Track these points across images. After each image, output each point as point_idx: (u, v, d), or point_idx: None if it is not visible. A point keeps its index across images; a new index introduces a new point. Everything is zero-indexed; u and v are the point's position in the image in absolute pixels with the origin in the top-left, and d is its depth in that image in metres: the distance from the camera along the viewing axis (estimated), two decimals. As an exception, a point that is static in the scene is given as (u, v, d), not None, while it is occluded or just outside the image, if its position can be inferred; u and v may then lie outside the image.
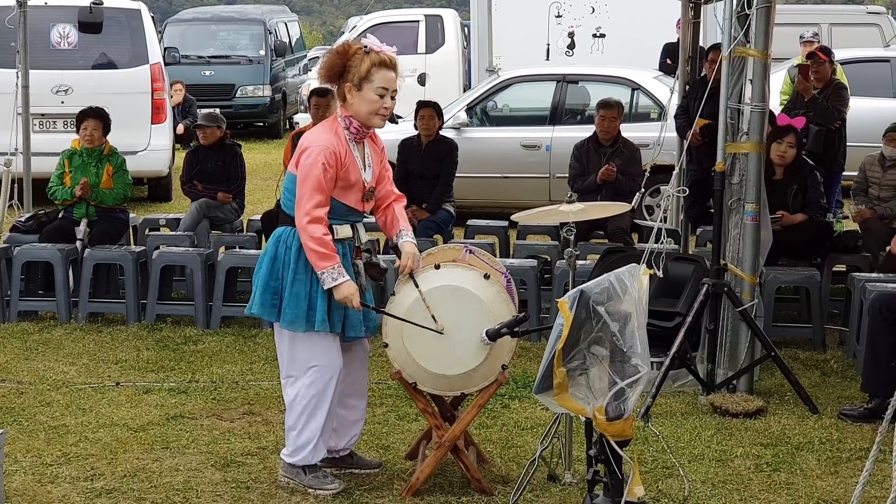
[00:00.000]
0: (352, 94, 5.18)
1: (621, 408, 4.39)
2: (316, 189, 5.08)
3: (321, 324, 5.17)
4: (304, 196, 5.10)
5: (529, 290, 8.17)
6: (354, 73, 5.15)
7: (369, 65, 5.14)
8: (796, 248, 8.50)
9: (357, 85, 5.16)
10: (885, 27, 18.14)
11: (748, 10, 6.68)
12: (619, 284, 4.44)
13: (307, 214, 5.08)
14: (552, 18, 17.48)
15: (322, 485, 5.34)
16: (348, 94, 5.18)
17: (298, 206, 5.11)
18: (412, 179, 10.09)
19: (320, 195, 5.09)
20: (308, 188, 5.09)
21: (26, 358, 7.72)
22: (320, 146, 5.12)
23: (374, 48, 5.17)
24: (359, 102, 5.18)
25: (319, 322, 5.17)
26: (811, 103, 10.60)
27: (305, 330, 5.20)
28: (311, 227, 5.08)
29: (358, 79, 5.15)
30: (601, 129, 9.87)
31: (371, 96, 5.16)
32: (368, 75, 5.14)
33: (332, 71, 5.20)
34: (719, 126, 6.83)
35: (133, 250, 8.84)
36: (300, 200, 5.11)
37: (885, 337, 6.46)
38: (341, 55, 5.18)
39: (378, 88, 5.16)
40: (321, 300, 5.17)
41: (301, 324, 5.19)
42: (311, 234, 5.08)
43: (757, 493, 5.43)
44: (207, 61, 21.72)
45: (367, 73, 5.14)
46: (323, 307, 5.17)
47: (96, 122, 9.34)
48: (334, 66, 5.19)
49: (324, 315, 5.17)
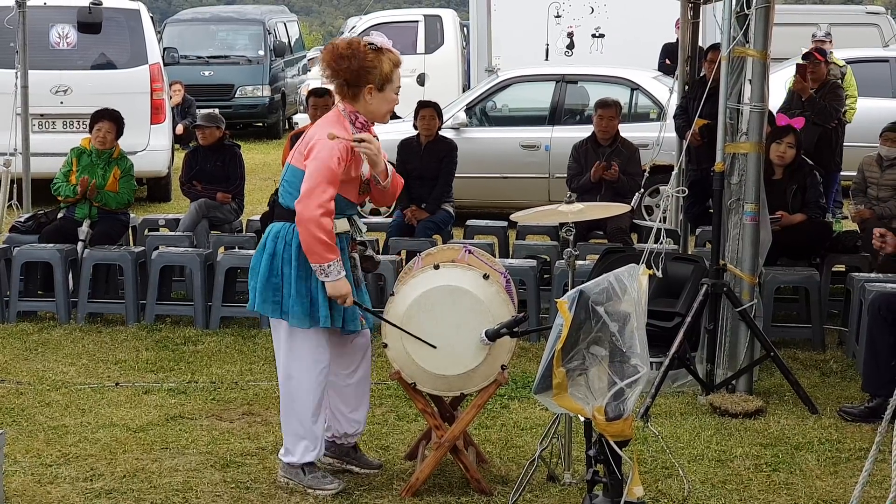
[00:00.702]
0: (372, 95, 5.16)
1: (621, 408, 4.39)
2: (330, 182, 5.04)
3: (325, 320, 5.17)
4: (317, 188, 5.03)
5: (529, 291, 8.17)
6: (377, 75, 5.13)
7: (391, 66, 5.15)
8: (796, 248, 8.50)
9: (380, 87, 5.15)
10: (884, 27, 18.15)
11: (747, 10, 6.68)
12: (619, 284, 4.44)
13: (321, 206, 5.02)
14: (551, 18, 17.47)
15: (321, 485, 5.34)
16: (368, 94, 5.16)
17: (310, 197, 5.03)
18: (411, 180, 10.08)
19: (334, 188, 5.06)
20: (323, 180, 5.03)
21: (25, 358, 7.72)
22: (335, 140, 5.09)
23: (386, 47, 5.17)
24: (379, 102, 5.18)
25: (324, 318, 5.17)
26: (809, 103, 10.60)
27: (310, 326, 5.20)
28: (325, 220, 5.03)
29: (381, 81, 5.14)
30: (599, 128, 9.88)
31: (391, 96, 5.20)
32: (391, 76, 5.16)
33: (348, 72, 5.13)
34: (718, 126, 6.83)
35: (132, 251, 8.84)
36: (312, 192, 5.03)
37: (884, 337, 6.46)
38: (356, 56, 5.12)
39: (396, 88, 5.21)
40: (322, 296, 5.16)
41: (306, 321, 5.19)
42: (324, 227, 5.02)
43: (756, 494, 5.43)
44: (206, 61, 21.72)
45: (389, 75, 5.15)
46: (325, 303, 5.17)
47: (110, 125, 9.32)
48: (351, 68, 5.12)
49: (327, 311, 5.18)
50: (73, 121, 13.48)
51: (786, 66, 14.19)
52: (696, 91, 9.88)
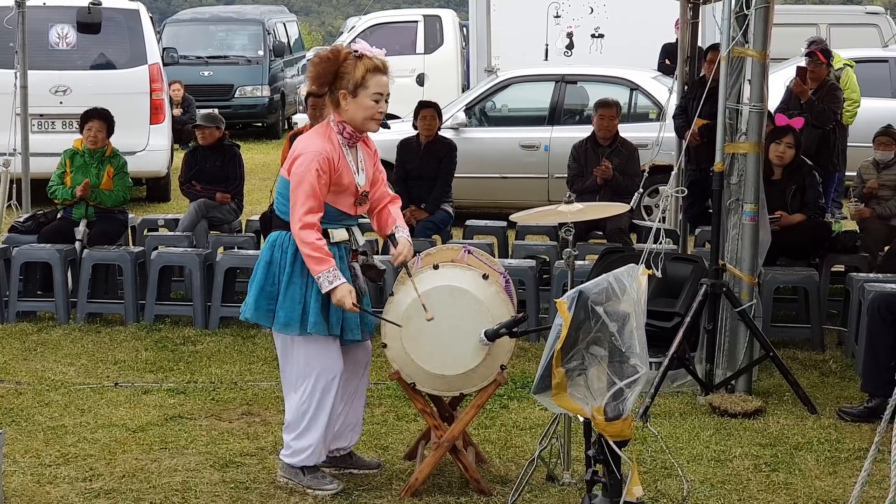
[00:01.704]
0: (347, 101, 5.16)
1: (620, 408, 4.39)
2: (309, 195, 5.07)
3: (314, 325, 5.16)
4: (297, 202, 5.09)
5: (528, 291, 8.18)
6: (349, 80, 5.12)
7: (364, 71, 5.12)
8: (795, 248, 8.51)
9: (353, 91, 5.14)
10: (883, 27, 18.16)
11: (747, 10, 6.67)
12: (618, 285, 4.44)
13: (299, 221, 5.08)
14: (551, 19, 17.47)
15: (321, 485, 5.34)
16: (343, 100, 5.16)
17: (293, 212, 5.11)
18: (411, 180, 10.10)
19: (313, 201, 5.09)
20: (301, 194, 5.08)
21: (25, 358, 7.72)
22: (313, 152, 5.11)
23: (366, 53, 5.16)
24: (354, 108, 5.16)
25: (312, 324, 5.16)
26: (807, 106, 10.60)
27: (300, 333, 5.20)
28: (304, 233, 5.08)
29: (353, 85, 5.13)
30: (599, 128, 9.88)
31: (367, 102, 5.15)
32: (364, 81, 5.13)
33: (324, 78, 5.16)
34: (718, 126, 6.83)
35: (132, 251, 8.84)
36: (293, 206, 5.10)
37: (883, 337, 6.46)
38: (332, 61, 5.15)
39: (373, 94, 5.15)
40: (314, 302, 5.16)
41: (295, 327, 5.19)
42: (304, 240, 5.08)
43: (755, 493, 5.43)
44: (206, 61, 21.71)
45: (362, 80, 5.12)
46: (316, 309, 5.16)
47: (101, 124, 9.33)
48: (326, 73, 5.15)
49: (317, 317, 5.16)
50: (73, 121, 13.36)
51: (785, 66, 14.19)
52: (696, 91, 9.89)
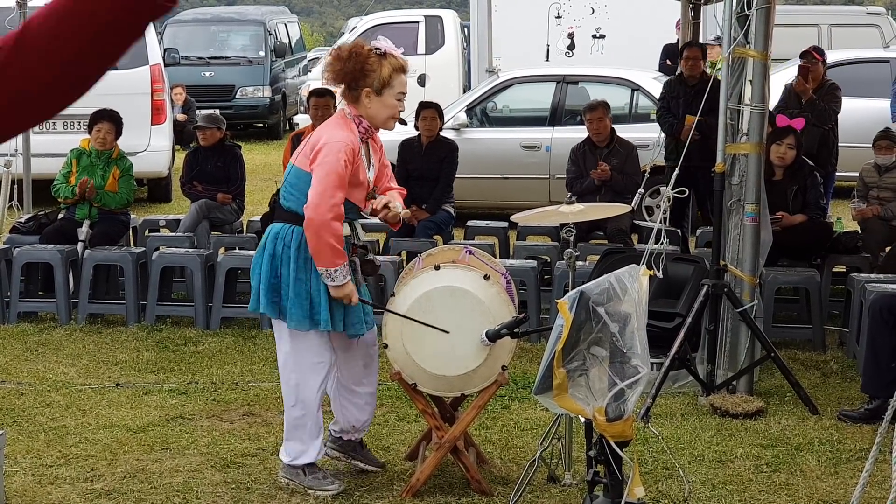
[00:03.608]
0: (370, 99, 5.14)
1: (621, 409, 4.38)
2: (339, 185, 5.01)
3: (326, 324, 5.16)
4: (326, 191, 5.00)
5: (529, 291, 8.17)
6: (375, 79, 5.11)
7: (390, 70, 5.12)
8: (796, 248, 8.51)
9: (378, 90, 5.13)
10: (884, 28, 18.16)
11: (748, 10, 6.68)
12: (619, 285, 4.44)
13: (331, 210, 4.99)
14: (552, 19, 17.49)
15: (322, 486, 5.34)
16: (366, 98, 5.14)
17: (320, 201, 5.00)
18: (412, 180, 10.09)
19: (342, 191, 5.04)
20: (331, 184, 5.00)
21: (26, 359, 7.72)
22: (340, 142, 5.05)
23: (390, 51, 5.16)
24: (378, 107, 5.15)
25: (324, 322, 5.16)
26: (809, 105, 10.60)
27: (310, 329, 5.20)
28: (336, 224, 5.01)
29: (380, 84, 5.11)
30: (592, 131, 9.88)
31: (391, 101, 5.16)
32: (390, 81, 5.12)
33: (348, 75, 5.12)
34: (719, 127, 6.83)
35: (133, 251, 8.84)
36: (322, 196, 5.00)
37: (885, 338, 6.46)
38: (356, 58, 5.12)
39: (398, 93, 5.17)
40: (322, 299, 5.15)
41: (306, 323, 5.19)
42: (333, 231, 5.00)
43: (757, 494, 5.43)
44: (207, 62, 21.73)
45: (389, 79, 5.12)
46: (325, 306, 5.16)
47: (110, 126, 9.32)
48: (349, 70, 5.11)
49: (327, 314, 5.16)
50: (74, 121, 13.47)
51: (786, 66, 14.19)
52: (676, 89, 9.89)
